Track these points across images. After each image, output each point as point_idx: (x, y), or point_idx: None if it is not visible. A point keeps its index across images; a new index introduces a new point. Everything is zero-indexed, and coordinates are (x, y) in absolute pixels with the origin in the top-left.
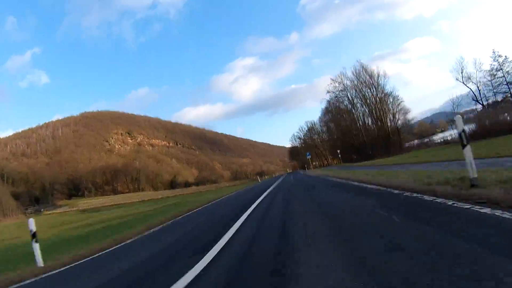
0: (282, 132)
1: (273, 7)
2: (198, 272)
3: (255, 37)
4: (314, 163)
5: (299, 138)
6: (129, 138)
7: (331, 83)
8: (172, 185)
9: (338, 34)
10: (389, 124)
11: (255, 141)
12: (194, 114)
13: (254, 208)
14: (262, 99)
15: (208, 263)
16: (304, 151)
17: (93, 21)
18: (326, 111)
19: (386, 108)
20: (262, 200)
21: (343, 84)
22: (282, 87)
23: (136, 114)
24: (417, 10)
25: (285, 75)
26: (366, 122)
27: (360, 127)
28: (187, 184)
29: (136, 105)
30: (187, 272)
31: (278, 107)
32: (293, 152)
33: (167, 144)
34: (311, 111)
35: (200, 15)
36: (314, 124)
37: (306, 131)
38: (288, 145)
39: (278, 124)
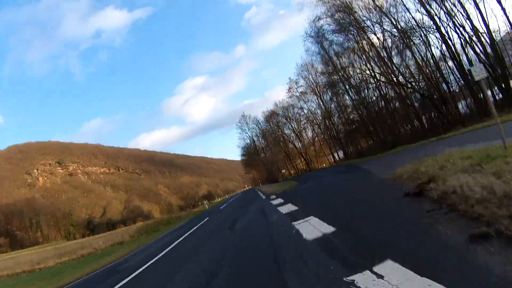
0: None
1: (218, 22)
2: None
3: (201, 54)
4: (282, 171)
5: (251, 139)
6: (59, 168)
7: None
8: (90, 226)
9: (286, 43)
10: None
11: (210, 158)
12: (151, 140)
13: None
14: (217, 118)
15: None
16: (269, 149)
17: (38, 55)
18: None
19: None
20: None
21: None
22: (235, 103)
23: (73, 142)
24: None
25: (237, 91)
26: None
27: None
28: (109, 224)
29: (90, 137)
30: None
31: (234, 124)
32: (249, 157)
33: (107, 171)
34: None
35: (145, 40)
36: (279, 105)
37: (264, 120)
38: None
39: (235, 140)
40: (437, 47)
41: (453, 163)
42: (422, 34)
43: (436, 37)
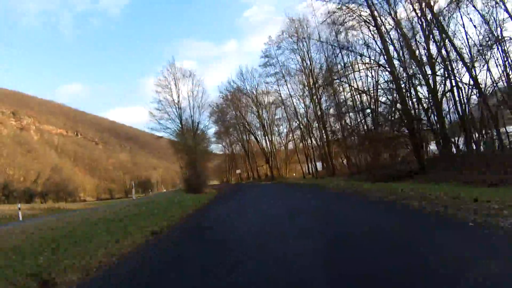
0: None
1: (217, 14)
2: None
3: (191, 40)
4: (238, 172)
5: (177, 107)
6: (12, 120)
7: None
8: (5, 191)
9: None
10: None
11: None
12: (126, 115)
13: None
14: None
15: None
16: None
17: (32, 8)
18: None
19: None
20: None
21: None
22: (213, 95)
23: (37, 97)
24: None
25: (217, 84)
26: None
27: None
28: (27, 193)
29: (67, 101)
30: None
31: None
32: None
33: (64, 133)
34: None
35: (139, 16)
36: (244, 76)
37: (220, 97)
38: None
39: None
40: None
41: None
42: None
43: None
